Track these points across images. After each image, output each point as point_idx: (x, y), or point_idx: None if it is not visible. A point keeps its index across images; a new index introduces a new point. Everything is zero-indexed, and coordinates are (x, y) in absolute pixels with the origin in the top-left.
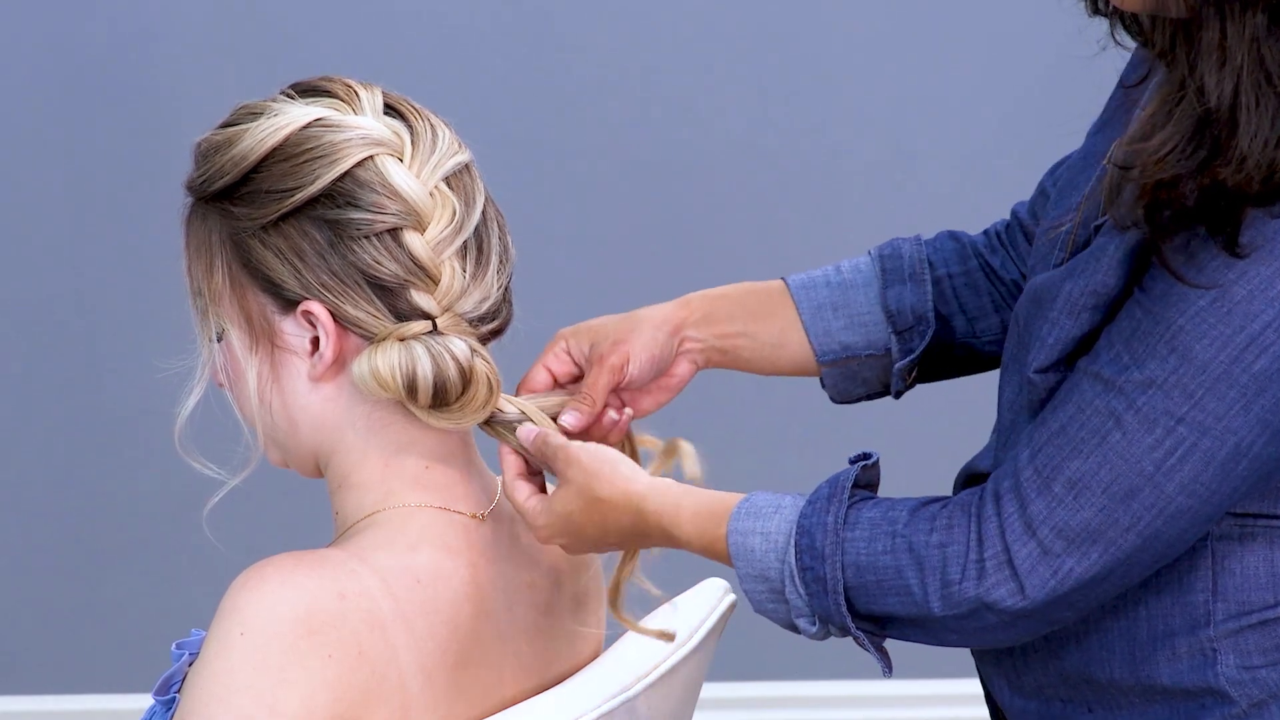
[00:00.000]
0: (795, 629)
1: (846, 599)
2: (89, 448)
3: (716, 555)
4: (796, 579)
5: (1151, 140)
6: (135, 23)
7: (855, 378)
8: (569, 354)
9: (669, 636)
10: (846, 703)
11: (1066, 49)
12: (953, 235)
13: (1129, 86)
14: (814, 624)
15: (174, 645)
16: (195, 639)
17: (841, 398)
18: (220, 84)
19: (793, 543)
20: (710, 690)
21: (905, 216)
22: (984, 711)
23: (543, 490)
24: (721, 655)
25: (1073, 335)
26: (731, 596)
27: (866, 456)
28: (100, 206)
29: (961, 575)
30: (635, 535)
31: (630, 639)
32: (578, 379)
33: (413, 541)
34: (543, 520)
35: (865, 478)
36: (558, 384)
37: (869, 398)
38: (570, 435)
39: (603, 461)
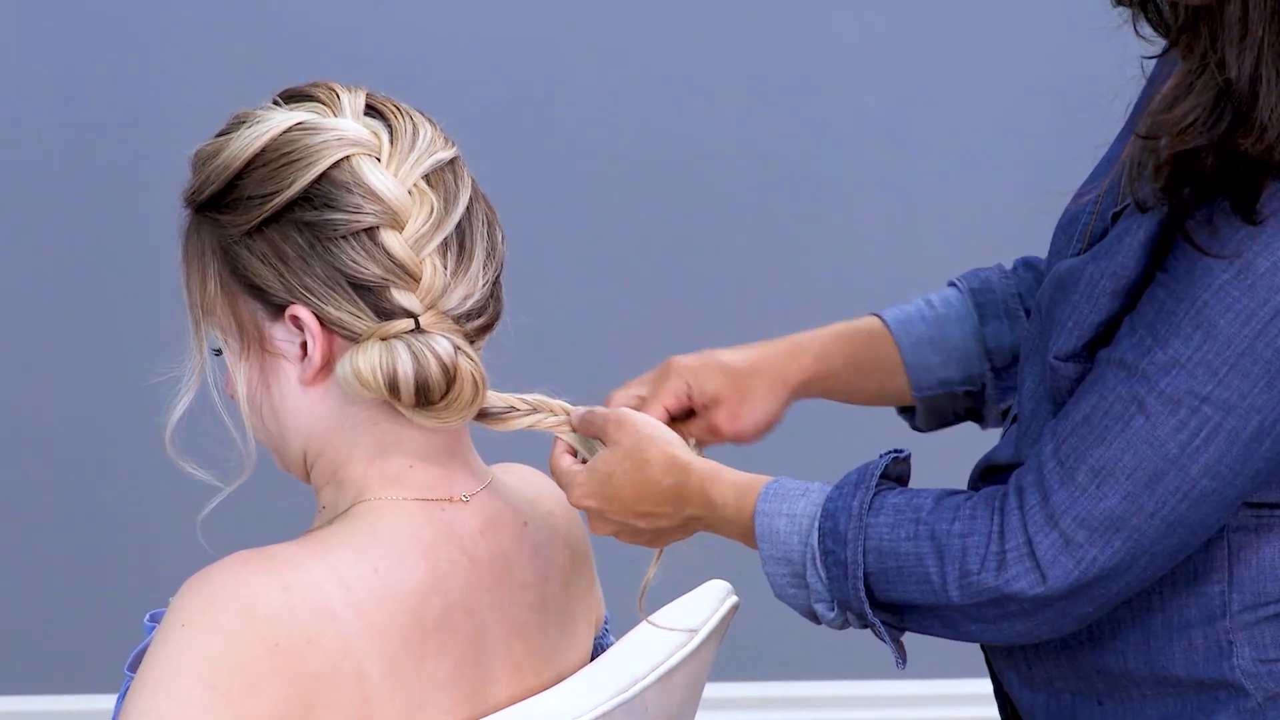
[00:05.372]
0: (814, 617)
1: (866, 585)
2: (90, 448)
3: (743, 527)
4: (818, 562)
5: (1174, 111)
6: (136, 27)
7: (946, 411)
8: (689, 397)
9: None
10: (848, 703)
11: (1088, 64)
12: (1028, 264)
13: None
14: (832, 609)
15: (146, 618)
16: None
17: (928, 428)
18: (218, 94)
19: (816, 525)
20: (711, 690)
21: (908, 219)
22: (991, 711)
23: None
24: (722, 655)
25: (1092, 320)
26: (734, 598)
27: (898, 451)
28: (98, 209)
29: (980, 566)
30: (672, 499)
31: (630, 638)
32: (690, 413)
33: (378, 532)
34: (581, 479)
35: (895, 470)
36: (672, 420)
37: (951, 423)
38: None
39: (655, 428)
